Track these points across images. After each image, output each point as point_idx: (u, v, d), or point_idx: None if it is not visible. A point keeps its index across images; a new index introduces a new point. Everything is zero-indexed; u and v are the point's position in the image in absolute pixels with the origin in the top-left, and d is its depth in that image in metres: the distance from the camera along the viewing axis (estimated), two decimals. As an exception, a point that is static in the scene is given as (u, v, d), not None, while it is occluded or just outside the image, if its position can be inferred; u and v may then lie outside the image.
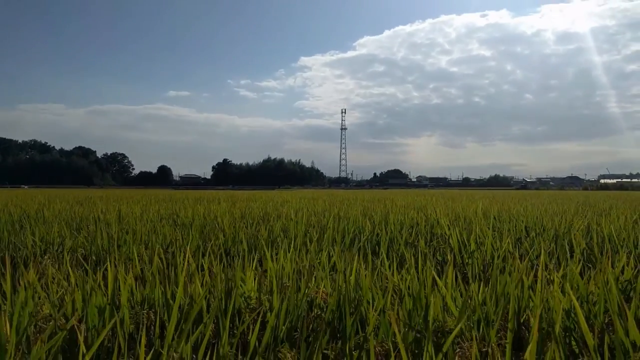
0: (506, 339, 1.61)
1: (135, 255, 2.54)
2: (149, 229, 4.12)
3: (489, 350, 1.46)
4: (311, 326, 1.78)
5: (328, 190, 44.78)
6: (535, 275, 1.98)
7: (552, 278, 2.04)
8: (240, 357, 1.57)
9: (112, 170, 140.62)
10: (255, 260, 2.48)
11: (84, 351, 1.42)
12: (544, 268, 1.98)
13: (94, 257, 3.22)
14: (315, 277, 2.11)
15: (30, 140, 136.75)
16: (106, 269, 2.34)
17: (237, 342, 1.65)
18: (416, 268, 2.19)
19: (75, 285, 1.79)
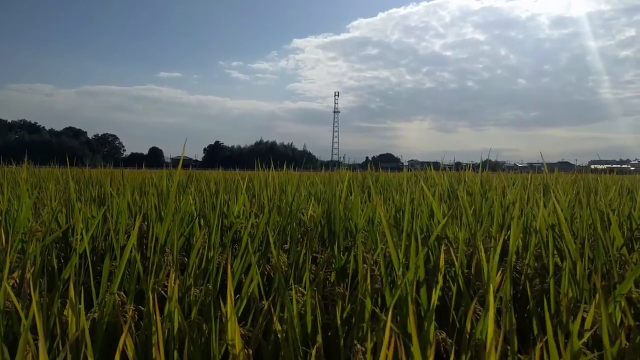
0: (491, 243, 1.66)
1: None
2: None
3: (475, 247, 1.51)
4: (301, 237, 1.83)
5: (323, 173, 44.74)
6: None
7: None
8: (230, 259, 1.60)
9: (103, 151, 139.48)
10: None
11: (77, 245, 1.45)
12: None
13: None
14: (308, 202, 2.15)
15: (20, 120, 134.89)
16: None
17: (229, 247, 1.69)
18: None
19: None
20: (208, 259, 1.48)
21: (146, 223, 1.82)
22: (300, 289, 1.41)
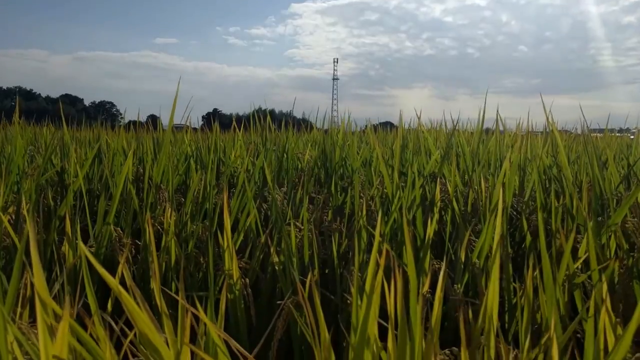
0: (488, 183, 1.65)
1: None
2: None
3: (470, 181, 1.50)
4: (298, 180, 1.82)
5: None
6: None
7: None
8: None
9: (101, 118, 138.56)
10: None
11: (71, 181, 1.45)
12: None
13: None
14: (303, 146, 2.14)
15: (15, 87, 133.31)
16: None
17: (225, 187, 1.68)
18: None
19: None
20: (205, 197, 1.47)
21: (142, 166, 1.81)
22: (297, 224, 1.41)
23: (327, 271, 1.48)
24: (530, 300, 0.84)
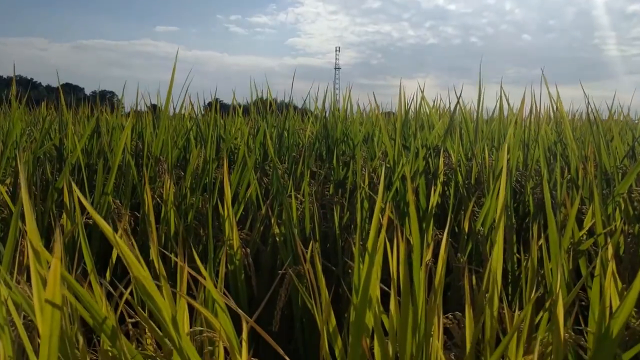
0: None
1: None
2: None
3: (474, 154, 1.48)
4: (299, 155, 1.80)
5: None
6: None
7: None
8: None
9: (102, 108, 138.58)
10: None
11: (70, 153, 1.43)
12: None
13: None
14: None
15: (16, 76, 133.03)
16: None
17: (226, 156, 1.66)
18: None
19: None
20: (204, 170, 1.46)
21: (141, 141, 1.80)
22: (298, 196, 1.39)
23: (328, 245, 1.46)
24: (535, 263, 0.82)
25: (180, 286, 0.72)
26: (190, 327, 0.74)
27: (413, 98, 1.55)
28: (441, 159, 1.29)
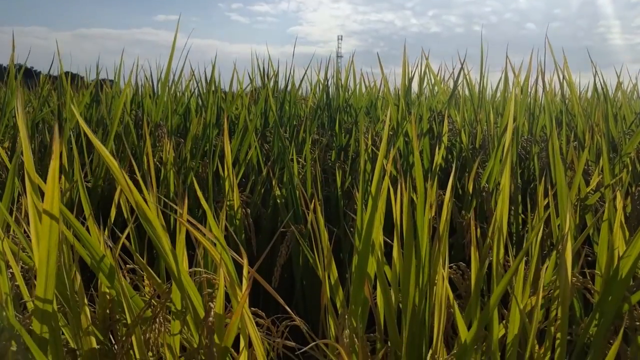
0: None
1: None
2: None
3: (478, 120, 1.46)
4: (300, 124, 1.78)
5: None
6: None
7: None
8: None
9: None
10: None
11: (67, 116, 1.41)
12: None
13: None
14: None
15: (16, 65, 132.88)
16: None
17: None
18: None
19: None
20: (204, 135, 1.44)
21: (141, 110, 1.78)
22: (300, 160, 1.37)
23: (330, 210, 1.45)
24: (541, 208, 0.81)
25: (180, 231, 0.71)
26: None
27: (417, 64, 1.52)
28: (445, 122, 1.27)
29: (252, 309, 0.73)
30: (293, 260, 1.20)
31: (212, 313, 0.59)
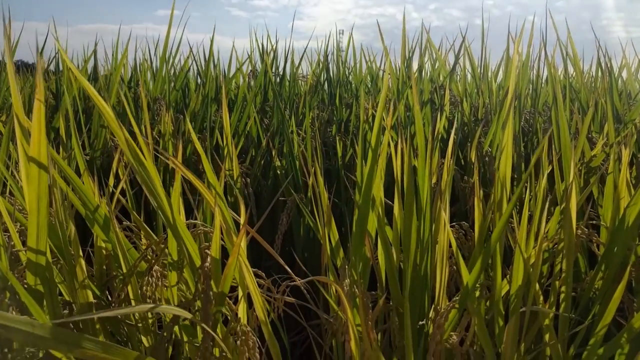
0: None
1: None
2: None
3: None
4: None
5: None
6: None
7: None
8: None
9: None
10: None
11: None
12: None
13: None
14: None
15: (17, 61, 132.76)
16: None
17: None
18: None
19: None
20: (203, 106, 1.42)
21: (140, 89, 1.76)
22: (300, 132, 1.36)
23: (330, 182, 1.43)
24: (545, 163, 0.79)
25: (175, 181, 0.69)
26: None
27: (417, 39, 1.49)
28: (446, 93, 1.25)
29: (253, 269, 0.72)
30: (294, 230, 1.19)
31: (208, 259, 0.58)
